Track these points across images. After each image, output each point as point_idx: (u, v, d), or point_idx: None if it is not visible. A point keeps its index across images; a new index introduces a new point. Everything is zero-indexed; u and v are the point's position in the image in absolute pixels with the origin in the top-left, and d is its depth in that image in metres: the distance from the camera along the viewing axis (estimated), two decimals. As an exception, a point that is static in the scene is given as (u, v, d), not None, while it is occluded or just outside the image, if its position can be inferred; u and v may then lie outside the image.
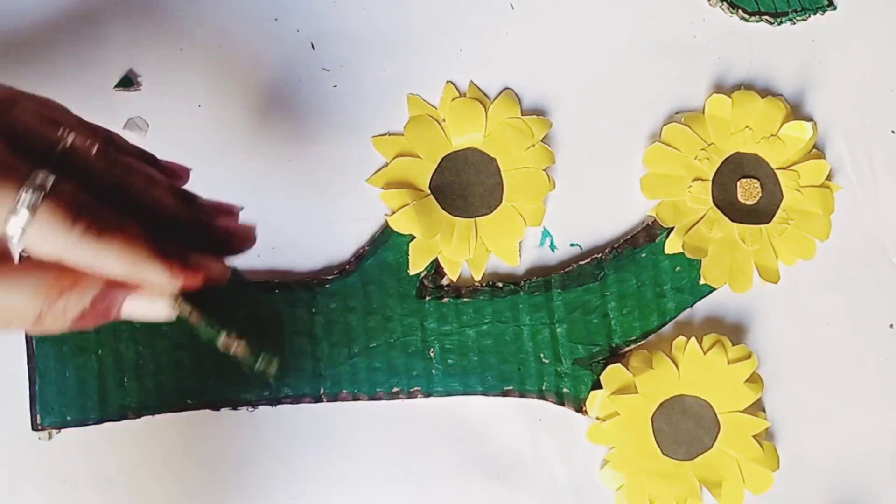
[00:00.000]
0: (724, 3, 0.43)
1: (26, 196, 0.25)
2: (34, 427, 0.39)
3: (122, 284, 0.27)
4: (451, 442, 0.41)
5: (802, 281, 0.43)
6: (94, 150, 0.27)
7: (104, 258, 0.26)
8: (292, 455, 0.40)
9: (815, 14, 0.44)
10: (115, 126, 0.40)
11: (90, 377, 0.38)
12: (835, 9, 0.44)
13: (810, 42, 0.44)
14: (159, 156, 0.40)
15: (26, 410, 0.39)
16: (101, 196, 0.27)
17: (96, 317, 0.28)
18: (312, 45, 0.42)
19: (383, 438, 0.41)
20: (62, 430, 0.39)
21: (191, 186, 0.40)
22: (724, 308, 0.43)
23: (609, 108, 0.43)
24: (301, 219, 0.41)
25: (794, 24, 0.44)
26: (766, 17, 0.43)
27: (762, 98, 0.42)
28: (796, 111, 0.44)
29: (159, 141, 0.41)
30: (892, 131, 0.44)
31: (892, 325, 0.43)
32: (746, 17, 0.43)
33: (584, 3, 0.43)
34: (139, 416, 0.39)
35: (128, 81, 0.40)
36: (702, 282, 0.41)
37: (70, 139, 0.27)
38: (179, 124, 0.41)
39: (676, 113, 0.43)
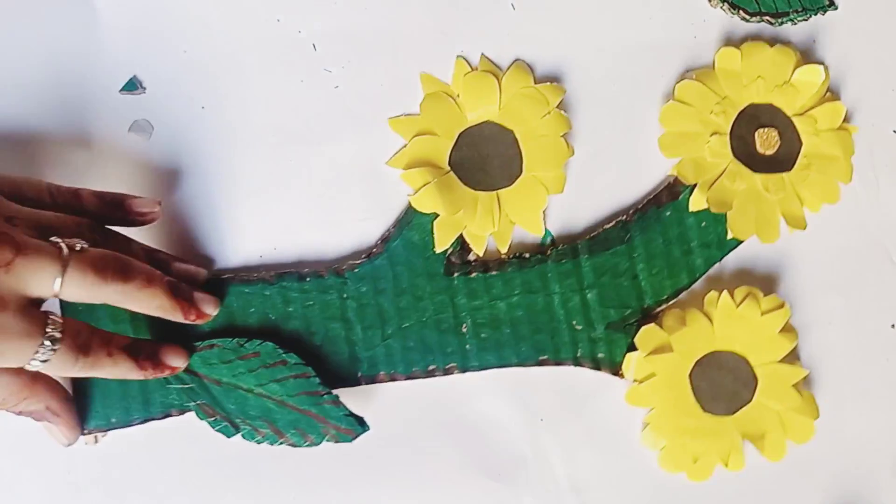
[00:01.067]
0: (726, 3, 0.43)
1: (42, 350, 0.33)
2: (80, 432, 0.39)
3: (55, 413, 0.37)
4: (452, 442, 0.42)
5: (803, 281, 0.43)
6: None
7: (96, 374, 0.36)
8: (292, 455, 0.40)
9: (815, 14, 0.43)
10: (121, 128, 0.41)
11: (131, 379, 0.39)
12: (836, 9, 0.44)
13: (811, 42, 0.44)
14: (162, 157, 0.41)
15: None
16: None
17: (23, 416, 0.37)
18: (314, 46, 0.42)
19: (383, 438, 0.41)
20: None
21: (193, 186, 0.41)
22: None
23: (608, 108, 0.43)
24: (302, 219, 0.41)
25: (795, 24, 0.43)
26: (767, 18, 0.43)
27: (771, 47, 0.42)
28: (806, 57, 0.43)
29: (163, 142, 0.41)
30: (894, 131, 0.44)
31: (893, 326, 0.43)
32: (748, 17, 0.43)
33: (585, 4, 0.43)
34: (183, 413, 0.39)
35: (132, 85, 0.41)
36: (729, 236, 0.41)
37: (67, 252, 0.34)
38: (183, 125, 0.41)
39: (687, 71, 0.43)
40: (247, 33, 0.42)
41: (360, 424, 0.39)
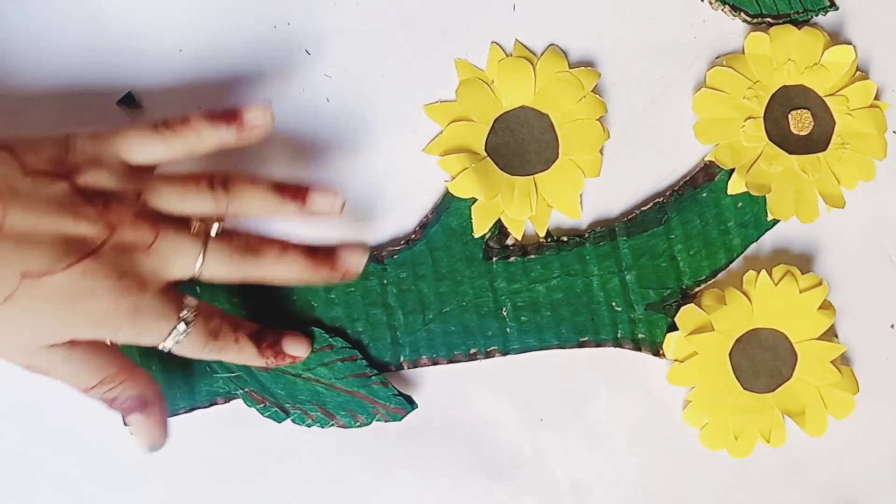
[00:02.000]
0: (727, 5, 0.43)
1: (174, 333, 0.34)
2: (125, 423, 0.39)
3: (149, 403, 0.35)
4: (452, 442, 0.42)
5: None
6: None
7: (221, 357, 0.36)
8: (292, 454, 0.41)
9: (816, 15, 0.44)
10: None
11: (176, 367, 0.39)
12: (836, 9, 0.44)
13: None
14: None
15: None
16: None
17: (113, 407, 0.35)
18: (309, 52, 0.42)
19: (384, 438, 0.41)
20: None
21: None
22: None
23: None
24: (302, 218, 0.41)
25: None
26: (769, 20, 0.43)
27: (799, 29, 0.43)
28: (834, 39, 0.44)
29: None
30: (894, 132, 0.44)
31: (892, 326, 0.44)
32: (749, 19, 0.43)
33: (585, 4, 0.43)
34: (228, 402, 0.39)
35: (130, 99, 0.40)
36: (770, 217, 0.42)
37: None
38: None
39: (717, 57, 0.44)
40: (246, 32, 0.41)
41: (410, 403, 0.39)
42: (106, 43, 0.41)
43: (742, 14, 0.43)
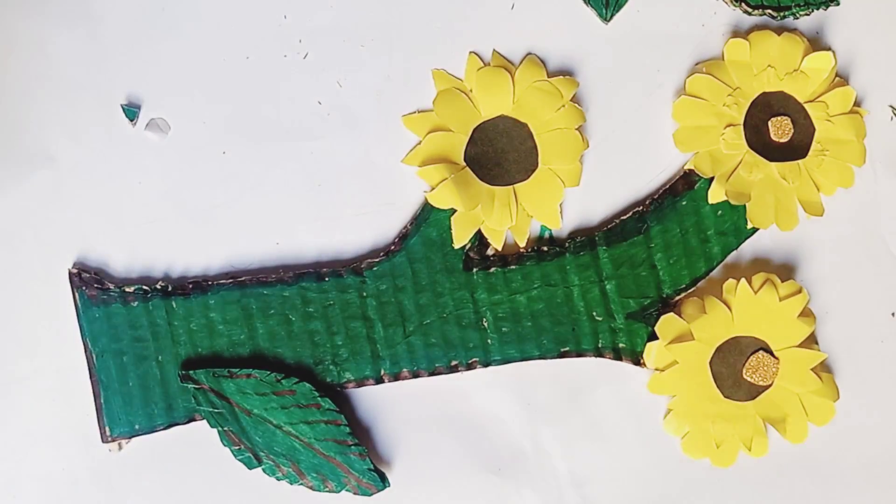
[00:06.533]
0: None
1: None
2: (104, 439, 0.39)
3: None
4: (453, 437, 0.42)
5: (802, 272, 0.43)
6: None
7: None
8: None
9: (818, 9, 0.43)
10: (116, 125, 0.41)
11: (154, 384, 0.39)
12: (837, 4, 0.44)
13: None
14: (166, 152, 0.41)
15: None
16: None
17: None
18: (300, 41, 0.42)
19: (384, 434, 0.41)
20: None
21: (197, 183, 0.41)
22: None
23: (610, 99, 0.43)
24: (301, 214, 0.41)
25: (797, 18, 0.43)
26: (770, 11, 0.43)
27: (778, 35, 0.42)
28: (814, 44, 0.44)
29: (165, 139, 0.41)
30: (891, 117, 0.44)
31: (893, 314, 0.44)
32: (749, 10, 0.43)
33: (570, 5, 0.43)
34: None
35: (132, 113, 0.40)
36: (749, 226, 0.42)
37: None
38: (184, 121, 0.41)
39: (696, 63, 0.44)
40: (247, 31, 0.41)
41: (382, 480, 0.39)
42: (111, 30, 0.41)
43: (742, 5, 0.43)
